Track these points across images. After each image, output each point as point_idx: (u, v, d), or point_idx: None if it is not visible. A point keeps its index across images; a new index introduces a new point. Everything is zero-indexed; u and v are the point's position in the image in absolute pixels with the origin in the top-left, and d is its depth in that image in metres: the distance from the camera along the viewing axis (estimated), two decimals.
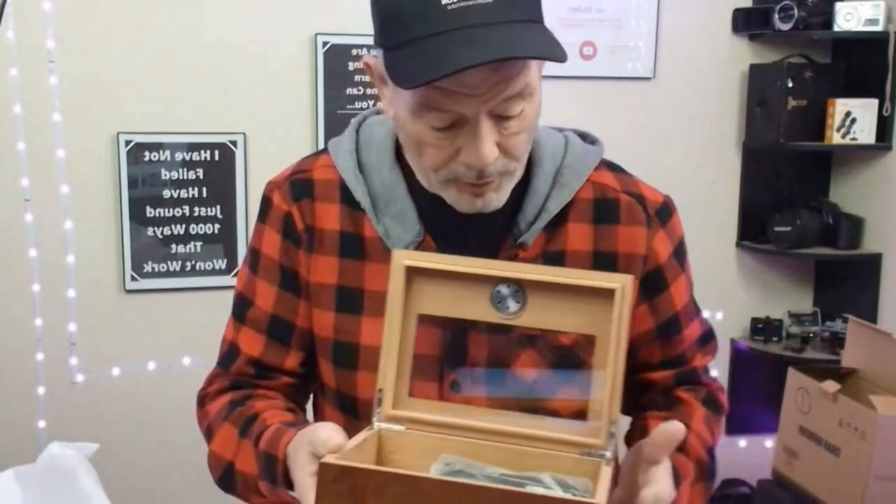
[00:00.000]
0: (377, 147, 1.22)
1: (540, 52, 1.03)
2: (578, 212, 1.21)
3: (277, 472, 1.08)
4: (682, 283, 1.28)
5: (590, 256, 1.21)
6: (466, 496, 0.83)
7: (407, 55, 1.01)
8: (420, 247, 1.18)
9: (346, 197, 1.22)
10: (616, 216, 1.22)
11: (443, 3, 0.99)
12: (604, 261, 1.21)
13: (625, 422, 1.23)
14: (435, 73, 0.98)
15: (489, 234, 1.19)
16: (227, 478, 1.21)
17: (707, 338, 1.36)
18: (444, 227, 1.19)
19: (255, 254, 1.27)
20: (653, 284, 1.25)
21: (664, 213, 1.25)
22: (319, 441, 0.95)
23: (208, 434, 1.25)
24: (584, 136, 1.29)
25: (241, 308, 1.28)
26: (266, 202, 1.27)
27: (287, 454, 1.06)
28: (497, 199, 1.13)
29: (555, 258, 1.20)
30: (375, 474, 0.86)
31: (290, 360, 1.26)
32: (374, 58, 1.14)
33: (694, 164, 3.72)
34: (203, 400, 1.29)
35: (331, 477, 0.86)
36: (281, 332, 1.25)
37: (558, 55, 1.02)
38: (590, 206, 1.22)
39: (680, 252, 1.28)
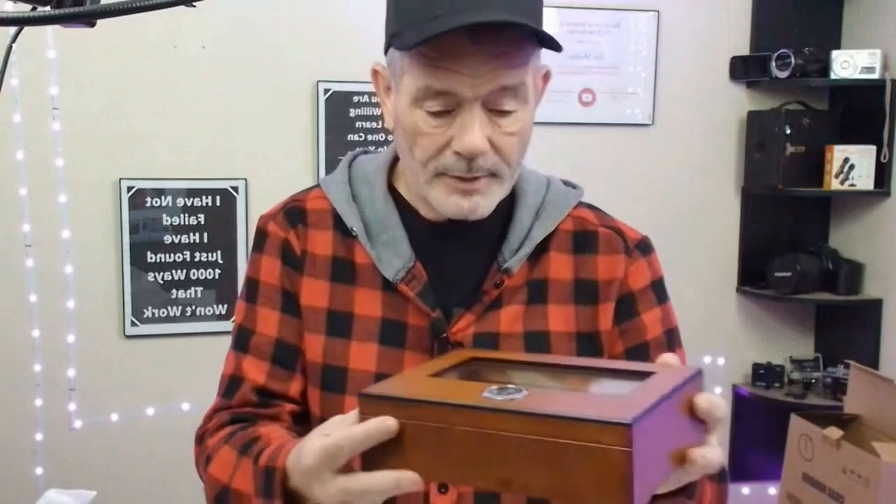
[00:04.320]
0: (369, 180, 1.26)
1: (537, 27, 1.08)
2: (559, 242, 1.25)
3: (275, 483, 1.02)
4: (655, 316, 1.28)
5: (571, 284, 1.25)
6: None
7: (415, 29, 1.08)
8: (410, 272, 1.20)
9: (339, 224, 1.25)
10: (595, 247, 1.26)
11: None
12: (585, 289, 1.25)
13: None
14: (438, 29, 1.03)
15: (476, 261, 1.23)
16: (220, 501, 1.16)
17: None
18: (434, 255, 1.23)
19: (252, 284, 1.28)
20: (624, 309, 1.26)
21: (643, 247, 1.29)
22: (332, 421, 0.95)
23: (206, 463, 1.21)
24: (566, 183, 1.33)
25: (242, 338, 1.27)
26: (261, 233, 1.29)
27: (288, 463, 1.02)
28: (483, 203, 1.15)
29: (538, 285, 1.24)
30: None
31: (294, 385, 1.24)
32: (383, 67, 1.20)
33: (694, 210, 3.74)
34: (202, 437, 1.25)
35: None
36: (286, 356, 1.24)
37: (554, 43, 1.09)
38: (570, 237, 1.26)
39: (658, 287, 1.29)
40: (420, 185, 1.18)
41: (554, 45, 1.10)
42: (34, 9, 0.85)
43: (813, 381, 3.73)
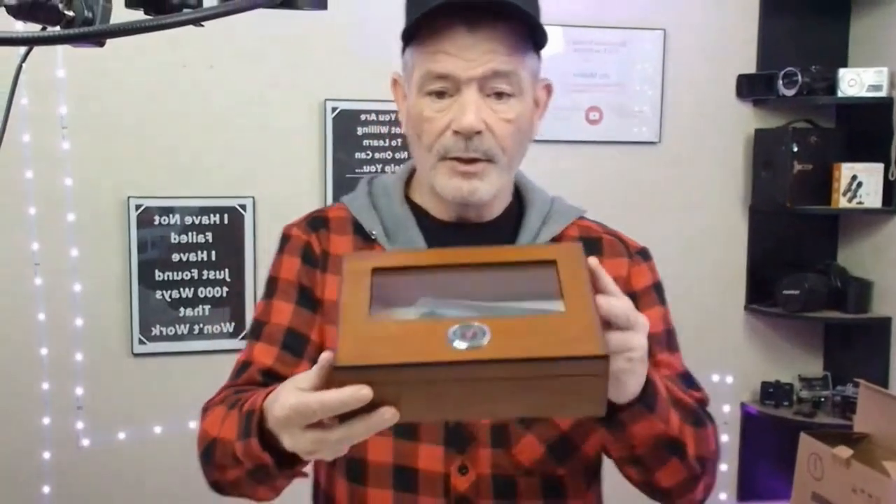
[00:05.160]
0: (387, 192, 1.37)
1: (531, 13, 1.20)
2: None
3: (252, 422, 1.07)
4: (657, 314, 1.35)
5: None
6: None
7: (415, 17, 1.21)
8: None
9: (358, 230, 1.35)
10: (600, 251, 1.36)
11: None
12: None
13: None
14: (428, 6, 1.17)
15: None
16: (208, 451, 1.22)
17: (692, 381, 1.35)
18: None
19: (272, 282, 1.37)
20: None
21: (644, 254, 1.40)
22: (302, 376, 0.97)
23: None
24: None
25: (257, 329, 1.35)
26: (284, 238, 1.39)
27: (265, 404, 1.05)
28: (482, 188, 1.25)
29: None
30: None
31: (300, 371, 1.25)
32: (399, 74, 1.33)
33: (701, 228, 3.73)
34: (206, 410, 1.31)
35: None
36: (295, 343, 1.31)
37: (543, 33, 1.23)
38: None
39: (659, 290, 1.38)
40: (428, 174, 1.28)
41: (542, 35, 1.24)
42: (44, 29, 0.85)
43: (822, 399, 3.71)
